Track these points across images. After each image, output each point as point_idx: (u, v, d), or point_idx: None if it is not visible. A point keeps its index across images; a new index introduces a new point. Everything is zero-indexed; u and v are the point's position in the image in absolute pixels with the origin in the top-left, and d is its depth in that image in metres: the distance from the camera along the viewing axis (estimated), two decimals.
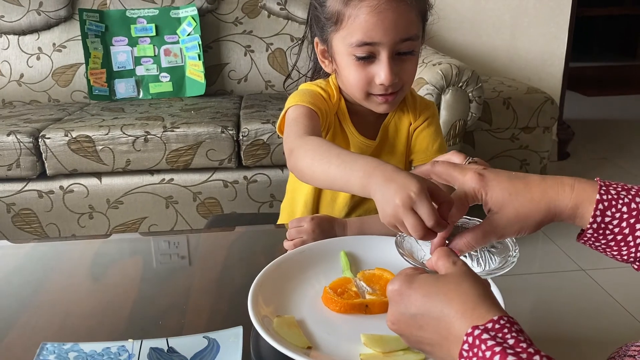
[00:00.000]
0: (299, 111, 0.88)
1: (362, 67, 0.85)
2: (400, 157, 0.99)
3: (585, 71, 5.38)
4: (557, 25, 2.72)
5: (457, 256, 0.54)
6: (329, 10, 0.85)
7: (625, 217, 0.55)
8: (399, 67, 0.85)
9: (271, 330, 0.62)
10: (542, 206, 0.57)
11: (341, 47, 0.86)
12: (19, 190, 1.88)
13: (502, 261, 0.62)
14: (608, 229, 0.56)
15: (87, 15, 2.31)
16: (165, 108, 2.12)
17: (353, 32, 0.83)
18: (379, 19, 0.81)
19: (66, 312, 0.74)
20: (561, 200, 0.57)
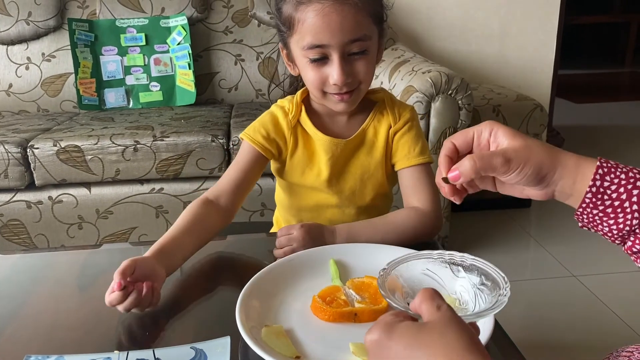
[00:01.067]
0: (241, 151, 1.00)
1: (317, 68, 0.88)
2: (379, 159, 1.00)
3: (574, 78, 5.43)
4: (546, 33, 2.74)
5: (441, 299, 0.49)
6: (284, 16, 0.89)
7: (623, 183, 0.55)
8: (352, 67, 0.88)
9: (259, 340, 0.62)
10: (549, 150, 0.58)
11: (297, 51, 0.90)
12: (7, 201, 1.86)
13: (492, 300, 0.59)
14: (606, 193, 0.56)
15: (76, 25, 2.31)
16: (155, 117, 2.11)
17: (304, 36, 0.86)
18: (325, 21, 0.83)
19: (52, 323, 0.73)
20: (565, 154, 0.58)
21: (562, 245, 2.15)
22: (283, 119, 0.99)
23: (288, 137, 0.99)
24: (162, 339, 0.68)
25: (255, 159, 0.98)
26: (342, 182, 1.01)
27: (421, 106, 1.83)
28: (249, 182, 0.98)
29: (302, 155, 1.00)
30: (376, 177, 1.01)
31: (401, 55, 2.25)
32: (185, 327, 0.72)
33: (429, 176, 0.97)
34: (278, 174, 1.05)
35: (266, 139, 0.98)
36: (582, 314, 1.72)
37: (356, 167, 1.00)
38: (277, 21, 0.92)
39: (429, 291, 0.50)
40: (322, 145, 0.99)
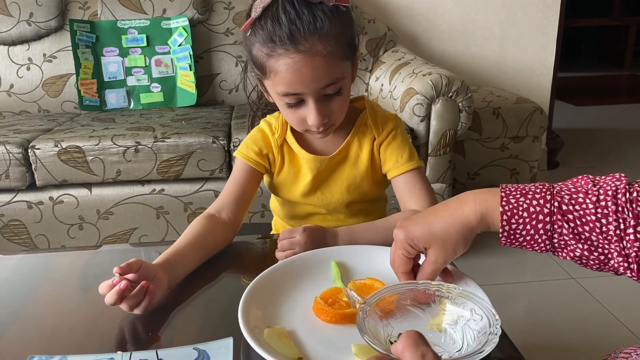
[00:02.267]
0: (236, 168, 1.02)
1: (294, 110, 0.89)
2: (364, 170, 1.02)
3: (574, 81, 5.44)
4: (546, 36, 2.75)
5: (426, 345, 0.46)
6: (255, 61, 0.88)
7: (527, 221, 0.62)
8: (328, 107, 0.89)
9: (262, 341, 0.62)
10: (456, 226, 0.65)
11: (271, 91, 0.91)
12: (8, 201, 1.87)
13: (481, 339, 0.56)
14: (517, 232, 0.63)
15: (77, 26, 2.31)
16: (156, 118, 2.12)
17: (277, 85, 0.86)
18: (296, 75, 0.83)
19: (54, 324, 0.74)
20: (468, 215, 0.65)
21: None
22: (271, 136, 1.02)
23: (276, 155, 1.02)
24: (164, 340, 0.69)
25: (250, 174, 1.01)
26: (328, 195, 1.04)
27: (422, 108, 1.84)
28: (248, 196, 1.00)
29: (289, 172, 1.03)
30: (362, 188, 1.03)
31: (402, 57, 2.25)
32: (188, 328, 0.72)
33: (422, 180, 0.99)
34: (269, 187, 1.09)
35: (258, 155, 1.01)
36: (581, 316, 1.72)
37: (342, 180, 1.02)
38: (249, 59, 0.90)
39: (413, 335, 0.46)
40: (307, 162, 1.01)
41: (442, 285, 0.65)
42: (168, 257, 0.81)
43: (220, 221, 0.93)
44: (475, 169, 2.33)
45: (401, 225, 0.69)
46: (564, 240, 0.61)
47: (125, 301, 0.70)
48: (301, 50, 0.82)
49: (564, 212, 0.61)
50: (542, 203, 0.62)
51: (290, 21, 0.81)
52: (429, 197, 0.96)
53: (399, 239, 0.69)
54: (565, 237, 0.61)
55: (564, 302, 1.81)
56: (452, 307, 0.63)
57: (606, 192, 0.60)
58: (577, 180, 0.64)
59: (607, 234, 0.59)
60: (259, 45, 0.85)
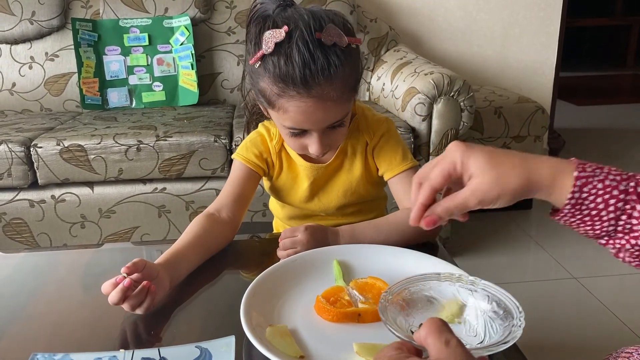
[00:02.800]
0: (234, 169, 1.02)
1: (296, 138, 0.90)
2: (359, 175, 1.02)
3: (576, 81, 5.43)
4: (548, 36, 2.75)
5: (450, 332, 0.45)
6: (263, 92, 0.86)
7: (600, 193, 0.57)
8: (330, 138, 0.90)
9: (264, 339, 0.62)
10: (522, 172, 0.58)
11: (276, 121, 0.92)
12: (10, 199, 1.87)
13: (505, 332, 0.55)
14: (584, 204, 0.57)
15: (79, 25, 2.31)
16: (158, 117, 2.12)
17: (284, 120, 0.87)
18: (305, 117, 0.84)
19: (57, 322, 0.74)
20: (540, 169, 0.58)
21: (563, 248, 2.15)
22: (269, 142, 1.03)
23: (275, 161, 1.03)
24: (167, 338, 0.69)
25: (248, 176, 1.01)
26: (325, 201, 1.05)
27: (423, 108, 1.84)
28: (247, 196, 1.01)
29: (287, 178, 1.04)
30: (359, 192, 1.04)
31: (403, 56, 2.25)
32: (190, 326, 0.73)
33: None
34: (268, 190, 1.10)
35: (258, 158, 1.02)
36: (582, 316, 1.72)
37: (338, 186, 1.03)
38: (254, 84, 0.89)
39: (436, 322, 0.45)
40: (304, 170, 1.02)
41: (465, 276, 0.64)
42: (169, 257, 0.81)
43: (220, 220, 0.94)
44: None
45: (462, 143, 0.60)
46: (631, 224, 0.57)
47: (127, 301, 0.71)
48: (313, 95, 0.82)
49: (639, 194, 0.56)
50: (618, 179, 0.57)
51: (305, 64, 0.80)
52: None
53: (453, 154, 0.59)
54: (634, 220, 0.56)
55: (565, 302, 1.81)
56: (474, 299, 0.62)
57: None
58: None
59: None
60: (268, 81, 0.84)
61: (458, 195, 0.59)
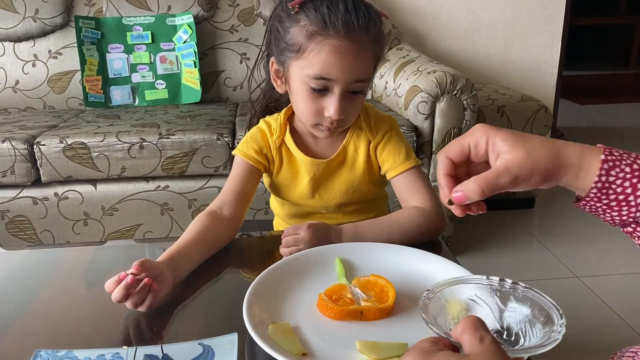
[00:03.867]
0: (235, 166, 1.02)
1: (315, 98, 0.90)
2: (361, 173, 1.02)
3: (579, 79, 5.42)
4: (551, 34, 2.74)
5: (485, 330, 0.45)
6: (292, 39, 0.88)
7: (628, 177, 0.55)
8: (348, 105, 0.90)
9: (266, 336, 0.62)
10: (552, 150, 0.56)
11: (298, 75, 0.90)
12: (13, 197, 1.87)
13: (544, 336, 0.55)
14: (612, 188, 0.55)
15: (83, 23, 2.32)
16: (160, 115, 2.12)
17: (312, 65, 0.87)
18: (339, 59, 0.85)
19: (60, 318, 0.74)
20: (568, 149, 0.56)
21: (566, 247, 2.15)
22: (270, 137, 1.02)
23: (275, 156, 1.03)
24: (170, 335, 0.69)
25: (249, 172, 1.01)
26: (326, 198, 1.04)
27: (426, 106, 1.84)
28: (249, 193, 1.00)
29: (287, 173, 1.03)
30: (360, 190, 1.04)
31: (406, 55, 2.25)
32: (193, 323, 0.73)
33: (421, 178, 0.99)
34: (269, 187, 1.09)
35: (258, 153, 1.01)
36: (585, 315, 1.72)
37: (340, 184, 1.03)
38: (281, 39, 0.91)
39: (473, 319, 0.46)
40: (305, 165, 1.02)
41: (507, 281, 0.64)
42: (172, 254, 0.81)
43: (222, 218, 0.93)
44: None
45: (486, 125, 0.59)
46: None
47: (130, 298, 0.71)
48: (350, 37, 0.84)
49: None
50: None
51: (348, 11, 0.84)
52: (429, 194, 0.96)
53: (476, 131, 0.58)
54: None
55: (568, 301, 1.81)
56: (515, 303, 0.62)
57: None
58: None
59: None
60: (305, 23, 0.86)
61: (490, 172, 0.56)
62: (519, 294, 0.62)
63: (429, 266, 0.79)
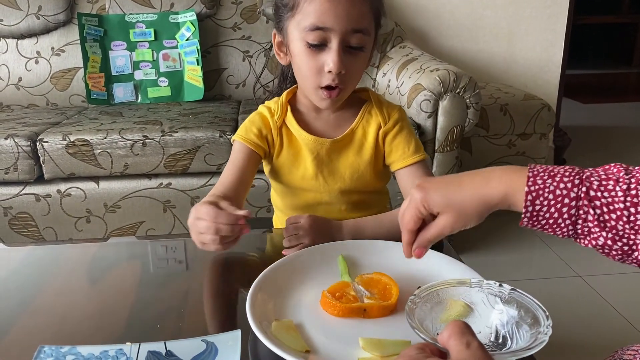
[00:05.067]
0: (234, 151, 0.99)
1: (313, 54, 0.87)
2: (368, 159, 1.00)
3: (582, 78, 5.41)
4: (554, 33, 2.73)
5: (472, 335, 0.46)
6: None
7: (552, 204, 0.60)
8: (348, 60, 0.87)
9: (269, 333, 0.62)
10: (476, 201, 0.63)
11: (295, 33, 0.88)
12: (16, 193, 1.88)
13: (531, 338, 0.55)
14: (540, 214, 0.60)
15: (86, 20, 2.32)
16: (163, 112, 2.12)
17: (306, 16, 0.85)
18: (332, 5, 0.84)
19: (64, 315, 0.74)
20: (491, 193, 0.63)
21: (568, 245, 2.14)
22: (270, 119, 1.00)
23: (275, 137, 1.00)
24: (173, 332, 0.69)
25: (249, 157, 0.98)
26: (330, 181, 1.01)
27: (429, 104, 1.84)
28: (247, 182, 0.97)
29: (288, 154, 1.01)
30: (365, 177, 1.01)
31: (409, 53, 2.25)
32: (196, 320, 0.73)
33: (427, 173, 0.99)
34: (269, 174, 1.07)
35: (258, 136, 0.99)
36: (587, 314, 1.72)
37: (345, 167, 1.01)
38: (278, 3, 0.91)
39: (459, 324, 0.47)
40: (307, 144, 0.99)
41: (494, 284, 0.64)
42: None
43: None
44: (481, 165, 2.30)
45: (420, 186, 0.66)
46: (588, 227, 0.59)
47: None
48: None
49: (591, 198, 0.58)
50: (569, 187, 0.59)
51: None
52: None
53: (415, 199, 0.66)
54: (589, 224, 0.58)
55: (570, 300, 1.81)
56: (502, 305, 0.62)
57: (638, 181, 0.58)
58: (610, 167, 0.62)
59: (634, 224, 0.57)
60: None
61: (432, 228, 0.67)
62: (506, 296, 0.62)
63: (432, 264, 0.79)
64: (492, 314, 0.62)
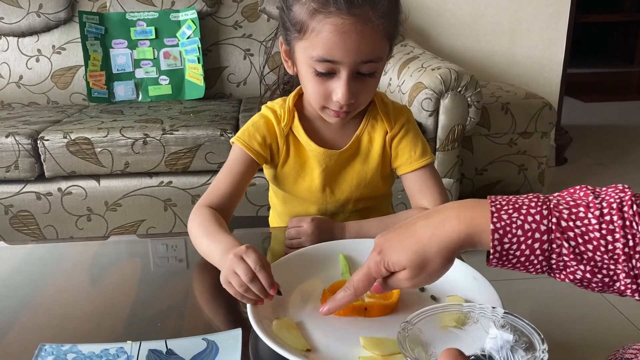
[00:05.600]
0: (234, 156, 0.95)
1: (321, 81, 0.83)
2: (375, 166, 0.97)
3: (584, 77, 5.40)
4: (556, 31, 2.73)
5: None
6: (295, 17, 0.82)
7: (522, 240, 0.54)
8: (358, 87, 0.83)
9: (270, 332, 0.62)
10: (436, 247, 0.57)
11: (302, 57, 0.84)
12: (17, 192, 1.88)
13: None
14: (510, 253, 0.55)
15: (86, 18, 2.32)
16: (164, 111, 2.12)
17: (315, 46, 0.80)
18: (342, 39, 0.78)
19: (64, 313, 0.74)
20: (451, 236, 0.57)
21: None
22: (276, 125, 0.95)
23: (281, 146, 0.95)
24: (174, 330, 0.69)
25: (248, 165, 0.94)
26: (337, 191, 0.98)
27: (430, 103, 1.83)
28: (242, 190, 0.94)
29: (294, 164, 0.97)
30: (373, 184, 0.98)
31: (410, 51, 2.24)
32: (197, 318, 0.73)
33: (434, 176, 0.95)
34: (271, 180, 1.02)
35: (261, 146, 0.94)
36: (588, 313, 1.72)
37: (352, 177, 0.97)
38: (285, 18, 0.84)
39: (453, 352, 0.47)
40: (315, 156, 0.95)
41: (487, 308, 0.63)
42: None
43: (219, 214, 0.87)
44: (483, 164, 2.32)
45: (379, 245, 0.61)
46: (564, 261, 0.54)
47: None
48: (354, 14, 0.77)
49: (563, 229, 0.53)
50: (538, 219, 0.54)
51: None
52: (441, 195, 0.93)
53: (375, 260, 0.61)
54: (565, 257, 0.54)
55: (571, 299, 1.80)
56: (497, 330, 0.61)
57: (610, 205, 0.53)
58: (575, 191, 0.56)
59: (613, 253, 0.52)
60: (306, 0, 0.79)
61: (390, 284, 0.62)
62: (499, 320, 0.60)
63: None
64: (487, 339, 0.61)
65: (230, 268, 0.68)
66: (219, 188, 0.91)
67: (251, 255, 0.68)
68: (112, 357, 0.62)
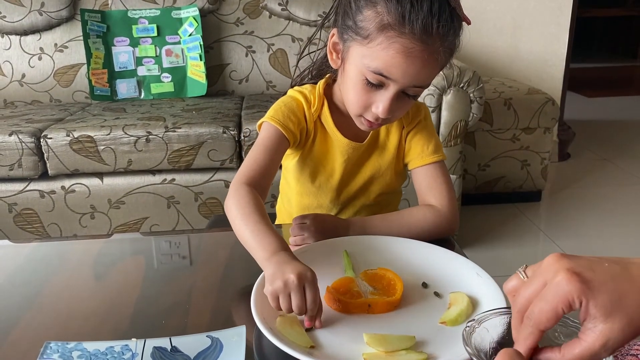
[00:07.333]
0: (267, 134, 0.91)
1: (367, 90, 0.83)
2: (390, 160, 0.98)
3: (586, 72, 5.38)
4: (558, 26, 2.72)
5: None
6: (363, 21, 0.79)
7: None
8: (398, 105, 0.84)
9: (274, 329, 0.63)
10: None
11: (357, 61, 0.82)
12: (20, 190, 1.88)
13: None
14: None
15: (88, 16, 2.32)
16: (166, 108, 2.12)
17: (376, 58, 0.79)
18: (406, 62, 0.77)
19: (69, 311, 0.75)
20: None
21: (572, 240, 2.14)
22: (307, 109, 0.94)
23: (310, 130, 0.95)
24: (178, 328, 0.69)
25: (280, 143, 0.91)
26: (352, 183, 0.99)
27: (433, 99, 1.83)
28: (275, 169, 0.91)
29: (319, 152, 0.97)
30: (385, 178, 0.99)
31: None
32: (201, 316, 0.73)
33: (444, 174, 0.95)
34: (291, 165, 1.01)
35: (295, 126, 0.92)
36: None
37: (367, 169, 0.98)
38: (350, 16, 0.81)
39: (510, 353, 0.45)
40: (340, 146, 0.96)
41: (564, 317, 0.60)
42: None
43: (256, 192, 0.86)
44: (486, 160, 2.32)
45: (576, 274, 0.45)
46: None
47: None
48: (425, 42, 0.76)
49: None
50: None
51: (431, 13, 0.76)
52: (449, 194, 0.93)
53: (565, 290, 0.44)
54: None
55: None
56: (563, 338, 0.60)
57: None
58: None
59: None
60: (381, 10, 0.77)
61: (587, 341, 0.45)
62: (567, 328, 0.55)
63: (436, 259, 0.79)
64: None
65: (287, 291, 0.65)
66: (256, 164, 0.89)
67: (311, 292, 0.65)
68: (117, 355, 0.62)
